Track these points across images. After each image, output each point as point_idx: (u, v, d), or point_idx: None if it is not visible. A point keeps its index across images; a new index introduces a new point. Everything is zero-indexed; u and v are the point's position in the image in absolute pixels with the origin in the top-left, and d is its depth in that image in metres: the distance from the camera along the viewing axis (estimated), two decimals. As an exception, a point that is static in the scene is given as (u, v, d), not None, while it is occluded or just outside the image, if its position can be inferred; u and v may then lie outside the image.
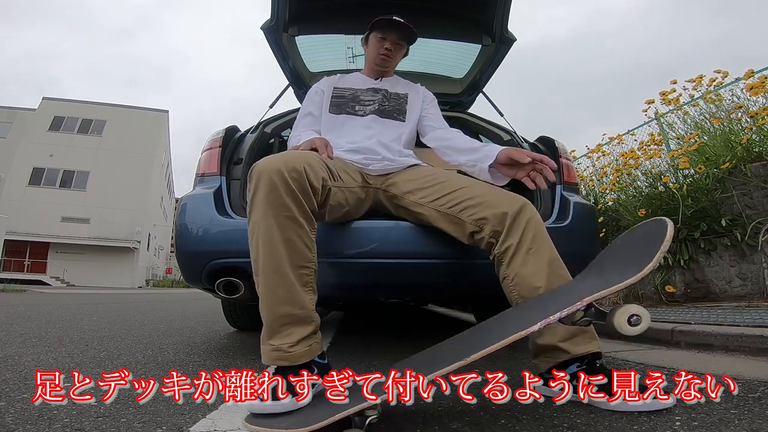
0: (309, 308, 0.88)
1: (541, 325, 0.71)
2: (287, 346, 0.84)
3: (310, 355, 0.86)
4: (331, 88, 1.49)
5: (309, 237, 0.90)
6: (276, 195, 0.86)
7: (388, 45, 1.45)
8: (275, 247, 0.85)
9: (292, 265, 0.86)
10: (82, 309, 4.11)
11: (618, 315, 0.75)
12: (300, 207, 0.88)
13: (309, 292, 0.89)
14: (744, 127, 2.74)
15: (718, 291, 2.54)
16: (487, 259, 1.08)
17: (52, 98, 24.05)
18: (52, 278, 20.83)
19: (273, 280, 0.85)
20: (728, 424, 0.73)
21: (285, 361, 0.84)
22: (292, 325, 0.85)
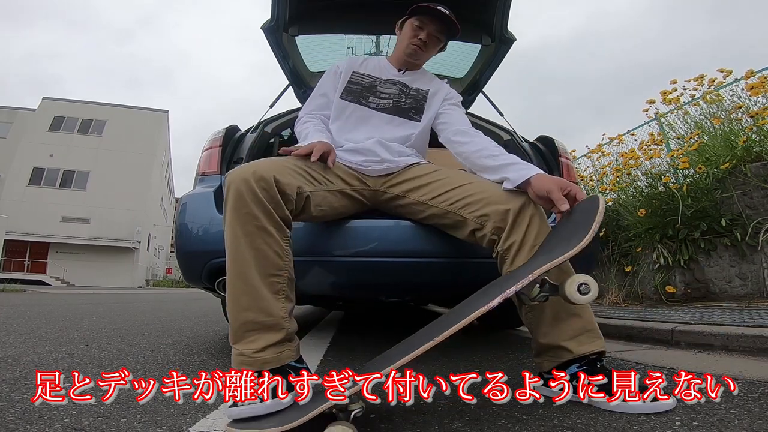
0: (278, 316, 0.87)
1: (499, 300, 0.74)
2: (251, 351, 0.84)
3: (279, 362, 0.85)
4: (350, 72, 1.37)
5: (279, 245, 0.90)
6: (243, 204, 0.87)
7: (423, 36, 1.30)
8: (241, 255, 0.87)
9: (261, 274, 0.87)
10: (82, 309, 4.11)
11: (568, 285, 0.79)
12: (268, 216, 0.88)
13: (281, 299, 0.89)
14: (744, 127, 2.74)
15: (718, 291, 2.54)
16: (488, 257, 1.08)
17: (52, 98, 24.04)
18: (52, 278, 20.83)
19: (238, 288, 0.87)
20: (728, 424, 0.73)
21: (250, 366, 0.84)
22: (256, 332, 0.86)
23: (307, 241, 1.25)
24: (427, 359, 1.40)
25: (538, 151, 1.77)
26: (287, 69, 2.04)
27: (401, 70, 1.38)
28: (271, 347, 0.85)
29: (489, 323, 2.44)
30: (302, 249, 1.24)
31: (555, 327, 0.93)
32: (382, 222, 1.28)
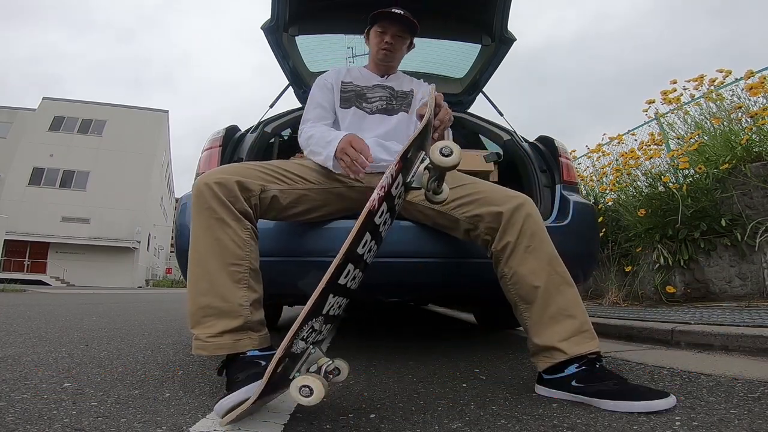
0: (235, 302, 0.90)
1: (378, 192, 0.79)
2: (206, 336, 0.87)
3: (234, 348, 0.88)
4: (339, 82, 1.46)
5: (239, 236, 0.93)
6: (202, 201, 0.94)
7: (389, 38, 1.40)
8: (200, 245, 0.92)
9: (220, 262, 0.91)
10: (82, 309, 4.11)
11: (432, 152, 0.87)
12: (226, 209, 0.93)
13: (242, 288, 0.91)
14: (744, 127, 2.74)
15: (718, 291, 2.54)
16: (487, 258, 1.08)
17: (52, 98, 24.04)
18: (52, 278, 20.82)
19: (195, 274, 0.92)
20: (728, 424, 0.73)
21: (203, 351, 0.87)
22: (213, 317, 0.88)
23: (307, 243, 1.25)
24: (427, 359, 1.40)
25: (538, 151, 1.77)
26: (287, 69, 2.04)
27: (383, 76, 1.48)
28: (229, 333, 0.88)
29: (489, 323, 2.45)
30: (302, 250, 1.24)
31: (549, 328, 0.95)
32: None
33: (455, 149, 0.87)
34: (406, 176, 0.90)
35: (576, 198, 1.58)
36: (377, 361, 1.37)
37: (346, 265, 0.77)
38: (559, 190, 1.60)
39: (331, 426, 0.76)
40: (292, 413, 0.83)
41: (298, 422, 0.78)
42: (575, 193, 1.65)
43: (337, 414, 0.82)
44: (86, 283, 20.56)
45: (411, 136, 0.89)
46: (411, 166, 0.92)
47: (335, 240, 1.27)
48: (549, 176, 1.66)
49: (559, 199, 1.56)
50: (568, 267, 1.03)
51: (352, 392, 0.98)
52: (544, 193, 1.60)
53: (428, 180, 0.94)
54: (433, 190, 0.97)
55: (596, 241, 1.68)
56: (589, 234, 1.58)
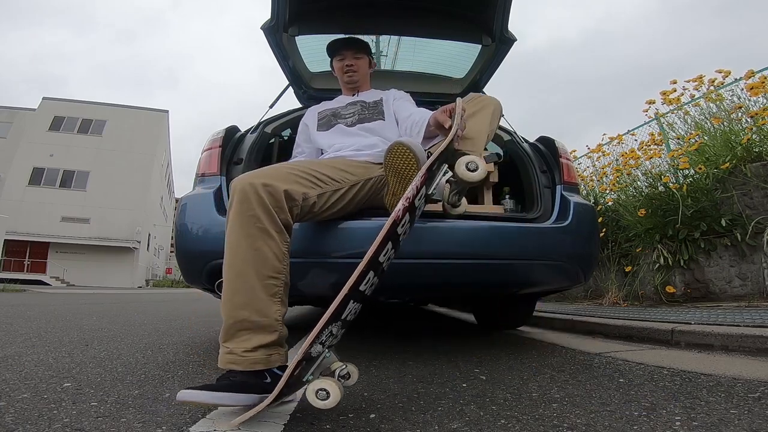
0: (272, 317, 0.87)
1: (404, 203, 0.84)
2: (241, 350, 0.84)
3: (268, 364, 0.85)
4: (314, 114, 1.63)
5: (279, 249, 0.90)
6: (247, 207, 0.89)
7: (348, 61, 1.62)
8: (241, 255, 0.88)
9: (258, 274, 0.87)
10: (82, 309, 4.11)
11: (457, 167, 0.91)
12: (271, 219, 0.90)
13: (276, 303, 0.89)
14: (744, 127, 2.74)
15: (718, 291, 2.54)
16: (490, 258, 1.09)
17: (52, 98, 24.02)
18: (52, 278, 20.81)
19: (235, 285, 0.87)
20: (728, 424, 0.73)
21: (238, 365, 0.83)
22: (250, 332, 0.85)
23: (308, 243, 1.25)
24: (427, 359, 1.40)
25: (539, 152, 1.77)
26: (287, 69, 2.04)
27: (354, 94, 1.66)
28: (263, 348, 0.85)
29: (489, 323, 2.44)
30: (303, 250, 1.24)
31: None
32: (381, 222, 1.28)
33: (481, 164, 0.90)
34: (428, 188, 0.91)
35: (576, 199, 1.58)
36: (377, 361, 1.37)
37: (368, 272, 0.78)
38: (559, 191, 1.60)
39: (331, 426, 0.76)
40: (292, 413, 0.83)
41: (299, 422, 0.78)
42: (575, 193, 1.65)
43: (337, 414, 0.82)
44: (86, 283, 20.55)
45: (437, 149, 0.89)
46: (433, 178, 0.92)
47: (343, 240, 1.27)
48: (549, 177, 1.66)
49: (560, 200, 1.56)
50: (569, 268, 1.03)
51: (352, 392, 0.98)
52: (544, 193, 1.60)
53: (450, 193, 0.96)
54: (452, 203, 0.99)
55: (596, 242, 1.68)
56: (589, 235, 1.58)
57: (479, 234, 1.34)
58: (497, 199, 1.99)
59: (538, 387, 1.03)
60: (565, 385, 1.04)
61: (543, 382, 1.08)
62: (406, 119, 1.42)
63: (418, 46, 2.13)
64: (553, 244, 1.44)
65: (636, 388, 1.01)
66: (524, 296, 1.91)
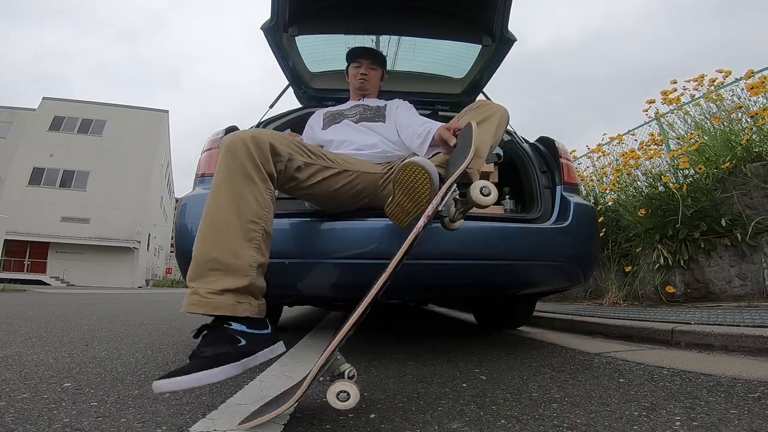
0: (246, 262, 0.85)
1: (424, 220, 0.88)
2: (206, 291, 0.81)
3: (233, 311, 0.82)
4: (320, 114, 1.70)
5: (262, 195, 0.92)
6: (233, 156, 0.92)
7: (363, 69, 1.73)
8: (223, 196, 0.89)
9: (238, 216, 0.87)
10: (82, 309, 4.11)
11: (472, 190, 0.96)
12: (255, 166, 0.93)
13: (253, 249, 0.88)
14: (744, 127, 2.74)
15: (718, 291, 2.54)
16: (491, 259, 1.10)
17: (52, 98, 24.03)
18: (52, 278, 20.82)
19: (210, 224, 0.87)
20: (728, 424, 0.73)
21: (200, 308, 0.80)
22: (219, 272, 0.83)
23: (308, 243, 1.25)
24: (427, 359, 1.40)
25: (539, 152, 1.77)
26: (287, 69, 2.04)
27: (359, 99, 1.76)
28: (230, 293, 0.83)
29: (489, 323, 2.44)
30: (303, 251, 1.25)
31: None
32: (381, 222, 1.28)
33: (493, 190, 0.95)
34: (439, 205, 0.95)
35: (576, 199, 1.58)
36: (377, 361, 1.37)
37: (389, 280, 0.81)
38: (559, 192, 1.60)
39: (331, 426, 0.76)
40: (292, 413, 0.83)
41: (299, 422, 0.78)
42: (576, 194, 1.65)
43: (337, 414, 0.82)
44: (86, 283, 20.56)
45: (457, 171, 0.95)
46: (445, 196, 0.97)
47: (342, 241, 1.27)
48: (549, 177, 1.66)
49: (560, 201, 1.56)
50: (570, 268, 1.04)
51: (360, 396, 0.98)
52: (544, 194, 1.61)
53: (456, 211, 1.00)
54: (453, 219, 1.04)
55: (596, 243, 1.69)
56: (589, 235, 1.58)
57: (479, 235, 1.34)
58: (497, 200, 1.99)
59: (538, 387, 1.03)
60: (565, 385, 1.04)
61: (543, 382, 1.08)
62: (407, 128, 1.46)
63: (418, 46, 2.13)
64: (553, 244, 1.44)
65: (636, 388, 1.01)
66: (524, 296, 1.91)
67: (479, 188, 0.95)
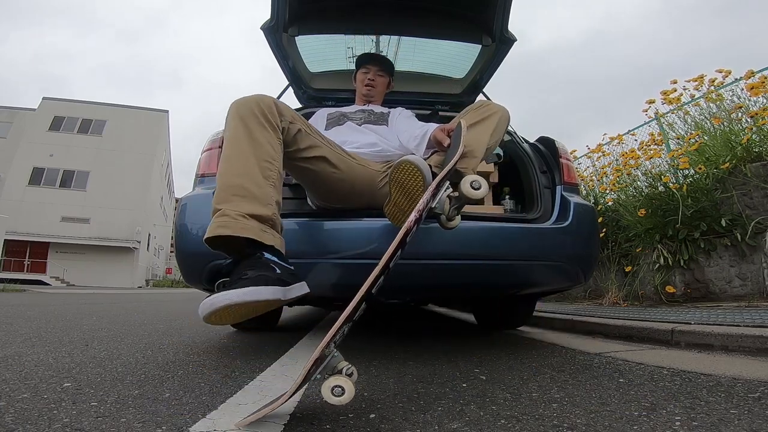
0: (267, 192, 0.90)
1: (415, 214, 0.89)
2: (235, 212, 0.83)
3: (260, 236, 0.84)
4: (324, 115, 1.71)
5: (274, 141, 0.98)
6: (245, 109, 0.98)
7: (371, 75, 1.76)
8: (240, 140, 0.94)
9: (256, 156, 0.93)
10: (82, 309, 4.11)
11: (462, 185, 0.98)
12: (265, 117, 0.98)
13: (270, 186, 0.92)
14: (744, 127, 2.75)
15: (718, 291, 2.54)
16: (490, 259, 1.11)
17: (52, 98, 24.03)
18: (52, 278, 20.82)
19: (231, 158, 0.92)
20: (728, 424, 0.73)
21: (228, 229, 0.82)
22: (244, 198, 0.86)
23: (308, 243, 1.25)
24: (427, 359, 1.40)
25: (539, 152, 1.77)
26: (287, 69, 2.04)
27: (365, 104, 1.78)
28: (255, 219, 0.85)
29: (489, 323, 2.45)
30: (303, 251, 1.25)
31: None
32: (380, 222, 1.28)
33: (483, 184, 0.96)
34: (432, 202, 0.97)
35: (576, 199, 1.58)
36: (377, 361, 1.37)
37: (381, 276, 0.81)
38: (559, 192, 1.60)
39: (331, 426, 0.76)
40: (292, 413, 0.83)
41: (299, 422, 0.78)
42: (576, 194, 1.65)
43: (337, 414, 0.82)
44: (86, 283, 20.55)
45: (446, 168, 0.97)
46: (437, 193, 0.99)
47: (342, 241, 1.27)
48: (549, 177, 1.66)
49: (560, 201, 1.56)
50: (570, 269, 1.04)
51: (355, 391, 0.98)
52: (544, 194, 1.60)
53: (450, 208, 1.02)
54: (450, 216, 1.05)
55: (596, 243, 1.69)
56: (589, 235, 1.58)
57: (479, 235, 1.34)
58: (497, 200, 1.99)
59: (538, 387, 1.03)
60: (565, 385, 1.04)
61: (543, 382, 1.08)
62: (406, 131, 1.51)
63: (418, 46, 2.13)
64: (553, 244, 1.44)
65: (636, 388, 1.01)
66: (524, 296, 1.91)
67: (469, 182, 0.97)
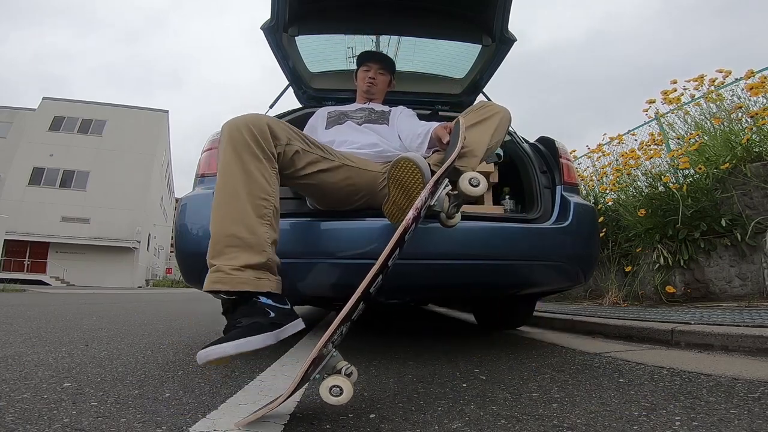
0: (261, 237, 0.88)
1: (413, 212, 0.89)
2: (229, 268, 0.84)
3: (256, 287, 0.84)
4: (324, 114, 1.70)
5: (269, 173, 0.96)
6: (238, 136, 0.94)
7: (372, 74, 1.74)
8: (232, 176, 0.91)
9: (249, 194, 0.90)
10: (82, 309, 4.11)
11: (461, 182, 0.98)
12: (259, 146, 0.95)
13: (265, 225, 0.91)
14: (744, 127, 2.74)
15: (718, 291, 2.54)
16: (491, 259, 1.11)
17: (52, 98, 24.03)
18: (52, 278, 20.82)
19: (225, 203, 0.90)
20: (728, 424, 0.73)
21: (224, 285, 0.83)
22: (238, 249, 0.86)
23: (308, 243, 1.25)
24: (427, 359, 1.40)
25: (539, 152, 1.77)
26: (287, 69, 2.04)
27: (365, 102, 1.76)
28: (251, 269, 0.85)
29: (489, 323, 2.45)
30: (303, 251, 1.24)
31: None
32: (379, 222, 1.28)
33: (482, 180, 0.96)
34: (431, 200, 0.96)
35: (576, 199, 1.58)
36: (377, 361, 1.37)
37: (379, 275, 0.81)
38: (559, 192, 1.60)
39: (331, 426, 0.76)
40: (292, 413, 0.83)
41: (299, 422, 0.78)
42: (576, 194, 1.65)
43: (337, 414, 0.82)
44: (86, 283, 20.55)
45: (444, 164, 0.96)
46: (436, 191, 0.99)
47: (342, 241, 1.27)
48: (549, 177, 1.66)
49: (560, 201, 1.56)
50: (570, 269, 1.04)
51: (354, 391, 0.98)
52: (544, 194, 1.60)
53: (449, 205, 1.01)
54: (450, 214, 1.05)
55: (596, 243, 1.69)
56: (589, 235, 1.58)
57: (479, 234, 1.34)
58: (497, 200, 1.99)
59: (538, 387, 1.03)
60: (565, 385, 1.04)
61: (543, 382, 1.08)
62: (407, 130, 1.50)
63: (418, 46, 2.13)
64: (553, 244, 1.44)
65: (636, 388, 1.01)
66: (524, 296, 1.91)
67: (468, 179, 0.97)
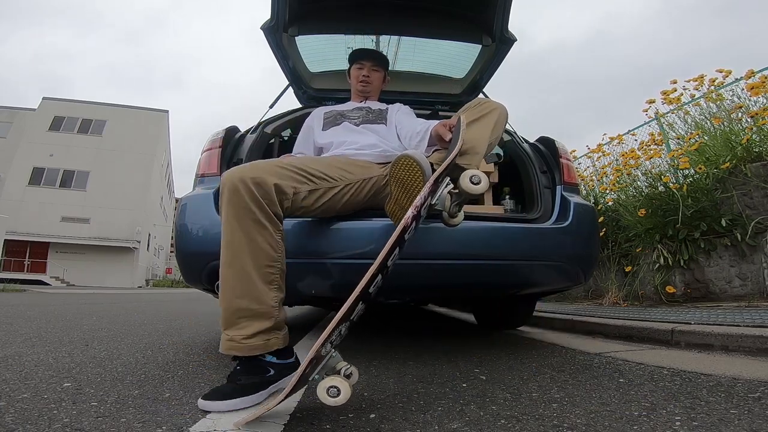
0: (269, 304, 0.92)
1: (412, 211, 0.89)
2: (241, 338, 0.90)
3: (266, 348, 0.91)
4: (321, 114, 1.68)
5: (273, 238, 0.95)
6: (239, 199, 0.92)
7: (365, 72, 1.70)
8: (237, 245, 0.92)
9: (255, 264, 0.92)
10: (82, 309, 4.11)
11: (462, 180, 0.97)
12: (263, 211, 0.94)
13: (273, 289, 0.94)
14: (744, 127, 2.74)
15: (718, 291, 2.54)
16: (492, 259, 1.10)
17: (52, 98, 24.02)
18: (52, 278, 20.81)
19: (231, 275, 0.92)
20: (728, 424, 0.73)
21: (238, 352, 0.90)
22: (248, 319, 0.91)
23: (308, 243, 1.25)
24: (427, 359, 1.40)
25: (539, 152, 1.76)
26: (287, 69, 2.04)
27: (362, 101, 1.72)
28: (260, 334, 0.91)
29: (489, 323, 2.44)
30: (303, 251, 1.24)
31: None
32: (380, 222, 1.28)
33: (483, 178, 0.95)
34: (431, 198, 0.96)
35: (576, 199, 1.58)
36: (377, 361, 1.37)
37: (378, 275, 0.81)
38: (559, 192, 1.60)
39: (331, 426, 0.76)
40: (292, 413, 0.83)
41: (299, 422, 0.78)
42: (576, 194, 1.65)
43: (337, 414, 0.82)
44: (86, 283, 20.55)
45: (445, 162, 0.95)
46: (437, 189, 0.98)
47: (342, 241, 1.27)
48: (549, 177, 1.66)
49: (560, 201, 1.56)
50: (570, 269, 1.04)
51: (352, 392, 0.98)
52: (544, 194, 1.60)
53: (451, 204, 1.00)
54: (452, 213, 1.04)
55: (597, 243, 1.68)
56: (589, 235, 1.58)
57: (479, 234, 1.34)
58: (497, 200, 1.99)
59: (538, 387, 1.03)
60: (565, 385, 1.04)
61: (543, 382, 1.08)
62: (406, 128, 1.49)
63: (418, 46, 2.13)
64: (553, 244, 1.44)
65: (636, 388, 1.01)
66: (524, 296, 1.91)
67: (469, 177, 0.96)
